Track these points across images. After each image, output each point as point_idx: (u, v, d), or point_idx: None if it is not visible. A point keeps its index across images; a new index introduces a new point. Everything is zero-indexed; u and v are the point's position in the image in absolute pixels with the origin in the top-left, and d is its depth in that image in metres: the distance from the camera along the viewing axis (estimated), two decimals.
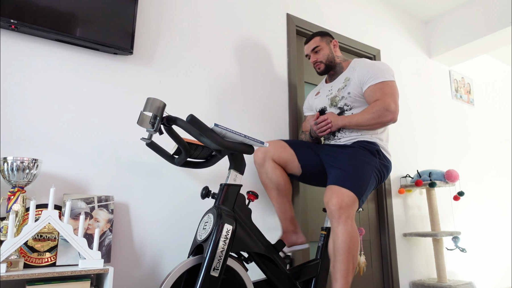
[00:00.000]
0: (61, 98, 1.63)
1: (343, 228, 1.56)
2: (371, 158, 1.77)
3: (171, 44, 1.98)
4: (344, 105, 1.91)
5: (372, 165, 1.75)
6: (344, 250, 1.55)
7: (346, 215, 1.58)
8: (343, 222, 1.57)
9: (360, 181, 1.66)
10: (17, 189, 1.33)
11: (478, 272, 3.20)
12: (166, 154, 1.63)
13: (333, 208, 1.58)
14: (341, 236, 1.56)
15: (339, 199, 1.58)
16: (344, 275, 1.54)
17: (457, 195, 2.82)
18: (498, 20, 3.02)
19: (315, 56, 2.03)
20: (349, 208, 1.59)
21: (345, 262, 1.55)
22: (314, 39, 2.05)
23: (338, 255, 1.55)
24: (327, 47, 2.02)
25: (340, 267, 1.54)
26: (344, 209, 1.58)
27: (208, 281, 1.29)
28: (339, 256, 1.55)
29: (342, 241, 1.55)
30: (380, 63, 1.90)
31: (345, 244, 1.55)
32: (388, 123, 1.79)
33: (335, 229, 1.59)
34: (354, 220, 1.62)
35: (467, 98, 3.69)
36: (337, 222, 1.57)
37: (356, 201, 1.63)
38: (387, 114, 1.75)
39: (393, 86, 1.82)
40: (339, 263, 1.55)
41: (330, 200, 1.60)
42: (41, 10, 1.55)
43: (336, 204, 1.58)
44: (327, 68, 2.03)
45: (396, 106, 1.77)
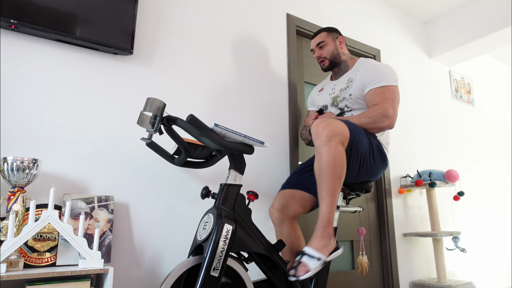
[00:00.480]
0: (61, 98, 1.63)
1: (326, 148, 1.47)
2: (368, 137, 1.74)
3: (171, 44, 1.98)
4: (345, 107, 1.90)
5: (368, 138, 1.71)
6: (329, 169, 1.46)
7: (334, 140, 1.48)
8: (327, 143, 1.47)
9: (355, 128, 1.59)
10: (17, 189, 1.33)
11: (478, 272, 3.20)
12: (166, 154, 1.63)
13: (320, 130, 1.49)
14: (325, 156, 1.46)
15: (329, 124, 1.49)
16: (329, 194, 1.46)
17: (457, 195, 2.82)
18: (498, 20, 3.02)
19: (319, 51, 2.00)
20: (338, 135, 1.49)
21: (330, 181, 1.46)
22: (320, 34, 2.01)
23: (323, 175, 1.47)
24: (333, 43, 1.99)
25: (325, 186, 1.47)
26: (333, 135, 1.48)
27: (208, 281, 1.29)
28: (324, 176, 1.47)
29: (326, 160, 1.46)
30: (385, 66, 1.85)
31: (329, 163, 1.46)
32: (384, 129, 1.74)
33: (319, 149, 1.49)
34: (342, 146, 1.51)
35: (467, 98, 3.69)
36: (321, 143, 1.48)
37: (348, 135, 1.54)
38: (384, 120, 1.70)
39: (394, 91, 1.77)
40: (324, 182, 1.47)
41: (319, 123, 1.51)
42: (41, 10, 1.55)
43: (325, 127, 1.48)
44: (332, 64, 1.99)
45: (394, 112, 1.72)
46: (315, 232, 1.46)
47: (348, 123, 1.59)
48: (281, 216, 1.83)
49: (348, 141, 1.56)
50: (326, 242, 1.44)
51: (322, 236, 1.44)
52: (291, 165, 2.25)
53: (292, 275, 1.38)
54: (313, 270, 1.38)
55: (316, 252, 1.41)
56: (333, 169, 1.46)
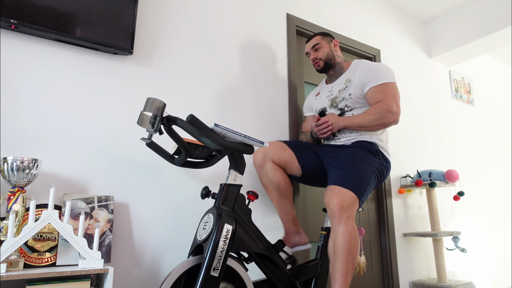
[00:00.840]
0: (61, 98, 1.63)
1: (344, 228, 1.56)
2: (371, 158, 1.77)
3: (171, 44, 1.98)
4: (345, 107, 1.91)
5: (372, 165, 1.75)
6: (344, 250, 1.55)
7: (346, 215, 1.58)
8: (343, 222, 1.57)
9: (361, 181, 1.66)
10: (17, 189, 1.33)
11: (478, 272, 3.20)
12: (166, 154, 1.63)
13: (333, 208, 1.58)
14: (341, 236, 1.56)
15: (340, 199, 1.59)
16: (343, 275, 1.54)
17: (457, 195, 2.82)
18: (498, 20, 3.02)
19: (314, 53, 2.05)
20: (349, 208, 1.59)
21: (345, 262, 1.55)
22: (315, 37, 2.07)
23: (338, 255, 1.55)
24: (328, 46, 2.04)
25: (340, 267, 1.55)
26: (344, 209, 1.58)
27: (208, 281, 1.29)
28: (339, 256, 1.55)
29: (342, 241, 1.55)
30: (381, 64, 1.90)
31: (345, 244, 1.55)
32: (390, 125, 1.80)
33: (335, 229, 1.59)
34: (354, 220, 1.62)
35: (467, 98, 3.69)
36: (338, 222, 1.58)
37: (357, 201, 1.63)
38: (389, 116, 1.77)
39: (394, 87, 1.83)
40: (339, 263, 1.55)
41: (331, 200, 1.60)
42: (41, 10, 1.55)
43: (337, 204, 1.58)
44: (326, 65, 2.04)
45: (398, 107, 1.78)
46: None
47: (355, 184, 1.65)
48: (262, 158, 1.85)
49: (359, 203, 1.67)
50: None
51: None
52: None
53: None
54: None
55: None
56: (349, 249, 1.56)
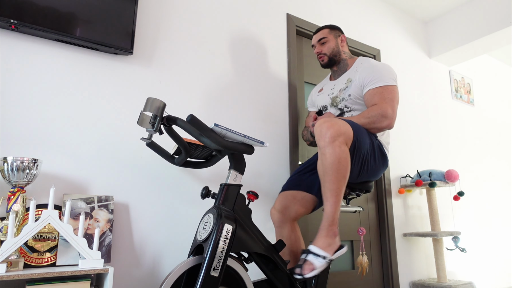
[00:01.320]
0: (61, 98, 1.63)
1: (331, 149, 1.47)
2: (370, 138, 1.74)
3: (171, 44, 1.98)
4: (344, 107, 1.90)
5: (370, 137, 1.71)
6: (333, 170, 1.47)
7: (338, 141, 1.48)
8: (331, 143, 1.47)
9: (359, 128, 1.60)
10: (17, 189, 1.33)
11: (478, 272, 3.20)
12: (166, 154, 1.63)
13: (324, 130, 1.49)
14: (329, 157, 1.47)
15: (333, 124, 1.49)
16: (334, 194, 1.47)
17: (457, 195, 2.82)
18: (498, 20, 3.02)
19: (320, 47, 2.00)
20: (342, 135, 1.49)
21: (335, 181, 1.47)
22: (322, 30, 2.02)
23: (327, 175, 1.48)
24: (334, 41, 1.99)
25: (330, 186, 1.47)
26: (336, 135, 1.48)
27: (208, 281, 1.29)
28: (329, 176, 1.48)
29: (330, 162, 1.47)
30: (384, 65, 1.84)
31: (333, 164, 1.47)
32: (383, 130, 1.74)
33: (322, 150, 1.49)
34: (346, 145, 1.51)
35: (467, 98, 3.69)
36: (325, 144, 1.48)
37: (351, 135, 1.53)
38: (383, 120, 1.70)
39: (393, 91, 1.77)
40: (329, 182, 1.48)
41: (323, 123, 1.50)
42: (41, 10, 1.55)
43: (329, 127, 1.48)
44: (330, 61, 1.99)
45: (393, 112, 1.72)
46: (320, 231, 1.47)
47: (351, 123, 1.59)
48: (282, 218, 1.82)
49: (352, 142, 1.56)
50: (331, 241, 1.46)
51: (327, 235, 1.46)
52: (291, 165, 2.25)
53: (298, 274, 1.39)
54: (319, 269, 1.40)
55: (321, 251, 1.42)
56: (338, 169, 1.47)
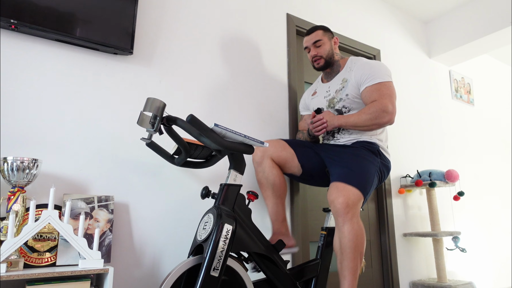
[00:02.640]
0: (61, 98, 1.63)
1: (349, 226, 1.55)
2: (373, 157, 1.76)
3: (171, 44, 1.98)
4: (342, 107, 1.90)
5: (374, 164, 1.75)
6: (351, 248, 1.55)
7: (352, 213, 1.57)
8: (349, 220, 1.56)
9: (365, 179, 1.65)
10: (17, 189, 1.33)
11: (478, 272, 3.20)
12: (166, 154, 1.63)
13: (339, 206, 1.57)
14: (348, 235, 1.55)
15: (345, 197, 1.57)
16: (351, 272, 1.54)
17: (457, 195, 2.82)
18: (498, 20, 3.02)
19: (315, 50, 1.97)
20: (354, 205, 1.58)
21: (353, 259, 1.55)
22: (316, 32, 1.98)
23: (345, 253, 1.55)
24: (329, 43, 1.98)
25: (348, 265, 1.55)
26: (350, 207, 1.57)
27: (208, 281, 1.29)
28: (346, 255, 1.55)
29: (349, 239, 1.55)
30: (377, 63, 1.86)
31: (351, 242, 1.55)
32: (385, 125, 1.77)
33: (341, 228, 1.57)
34: (359, 217, 1.61)
35: (467, 98, 3.69)
36: (343, 220, 1.56)
37: (362, 198, 1.62)
38: (384, 115, 1.73)
39: (390, 87, 1.79)
40: (347, 261, 1.55)
41: (336, 198, 1.58)
42: (41, 10, 1.55)
43: (343, 202, 1.56)
44: (326, 64, 1.98)
45: (393, 107, 1.75)
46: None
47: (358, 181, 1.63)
48: (261, 155, 1.83)
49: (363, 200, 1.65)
50: None
51: None
52: None
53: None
54: None
55: None
56: (356, 247, 1.55)
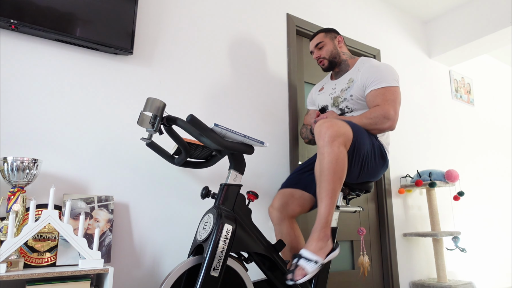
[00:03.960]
0: (61, 98, 1.63)
1: (329, 149, 1.47)
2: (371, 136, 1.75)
3: (171, 44, 1.98)
4: (346, 108, 1.89)
5: (371, 140, 1.71)
6: (330, 170, 1.46)
7: (338, 141, 1.47)
8: (330, 143, 1.47)
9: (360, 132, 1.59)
10: (17, 189, 1.33)
11: (478, 272, 3.20)
12: (166, 154, 1.63)
13: (324, 130, 1.49)
14: (327, 156, 1.46)
15: (333, 126, 1.49)
16: (329, 194, 1.45)
17: (457, 195, 2.82)
18: (498, 20, 3.02)
19: (318, 52, 2.00)
20: (342, 135, 1.49)
21: (331, 182, 1.46)
22: (318, 35, 2.01)
23: (324, 175, 1.47)
24: (331, 43, 1.99)
25: (325, 187, 1.46)
26: (336, 136, 1.47)
27: (208, 281, 1.29)
28: (324, 176, 1.47)
29: (328, 161, 1.46)
30: (386, 66, 1.84)
31: (330, 164, 1.46)
32: (385, 131, 1.74)
33: (321, 149, 1.48)
34: (344, 147, 1.50)
35: (467, 98, 3.69)
36: (324, 144, 1.48)
37: (351, 135, 1.53)
38: (385, 121, 1.69)
39: (395, 92, 1.76)
40: (324, 182, 1.46)
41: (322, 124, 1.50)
42: (41, 10, 1.55)
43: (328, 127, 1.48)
44: (331, 64, 1.99)
45: (395, 114, 1.71)
46: (312, 233, 1.45)
47: (351, 124, 1.59)
48: (280, 216, 1.83)
49: (351, 143, 1.55)
50: (322, 244, 1.44)
51: (319, 238, 1.44)
52: (291, 165, 2.25)
53: (289, 279, 1.38)
54: (311, 274, 1.38)
55: (313, 255, 1.41)
56: (334, 169, 1.46)
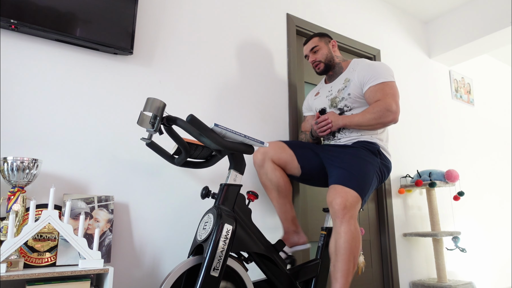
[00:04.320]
0: (61, 98, 1.63)
1: (346, 227, 1.56)
2: (372, 158, 1.77)
3: (171, 44, 1.98)
4: (344, 106, 1.91)
5: (374, 164, 1.75)
6: (346, 249, 1.55)
7: (349, 215, 1.58)
8: (346, 221, 1.57)
9: (363, 181, 1.66)
10: (17, 189, 1.33)
11: (478, 272, 3.20)
12: (166, 154, 1.63)
13: (337, 207, 1.58)
14: (344, 236, 1.55)
15: (343, 199, 1.58)
16: (344, 275, 1.54)
17: (457, 195, 2.82)
18: (498, 20, 3.02)
19: (313, 56, 2.04)
20: (352, 207, 1.59)
21: (346, 262, 1.55)
22: (312, 39, 2.06)
23: (340, 255, 1.55)
24: (326, 47, 2.03)
25: (341, 267, 1.54)
26: (348, 209, 1.58)
27: (208, 281, 1.29)
28: (341, 256, 1.55)
29: (344, 240, 1.55)
30: (380, 63, 1.90)
31: (347, 243, 1.55)
32: (389, 124, 1.80)
33: (337, 229, 1.58)
34: (356, 220, 1.62)
35: (467, 98, 3.69)
36: (341, 222, 1.57)
37: (360, 200, 1.63)
38: (388, 114, 1.76)
39: (393, 86, 1.82)
40: (340, 262, 1.55)
41: (334, 199, 1.59)
42: (41, 10, 1.55)
43: (340, 204, 1.57)
44: (327, 67, 2.03)
45: (397, 106, 1.78)
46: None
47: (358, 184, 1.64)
48: (262, 158, 1.85)
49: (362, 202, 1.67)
50: None
51: None
52: None
53: None
54: None
55: None
56: (351, 249, 1.55)
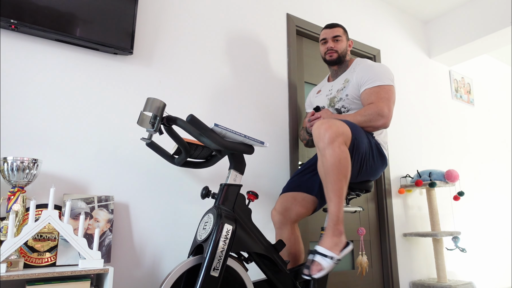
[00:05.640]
0: (61, 98, 1.63)
1: (331, 150, 1.48)
2: (368, 134, 1.76)
3: (171, 44, 1.98)
4: (342, 107, 1.91)
5: (368, 138, 1.72)
6: (334, 171, 1.48)
7: (338, 141, 1.49)
8: (330, 144, 1.48)
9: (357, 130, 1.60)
10: (17, 189, 1.33)
11: (478, 272, 3.20)
12: (166, 154, 1.63)
13: (322, 131, 1.49)
14: (330, 158, 1.47)
15: (333, 128, 1.49)
16: (337, 194, 1.48)
17: (457, 195, 2.82)
18: (498, 20, 3.02)
19: (334, 43, 1.99)
20: (341, 135, 1.50)
21: (337, 181, 1.48)
22: (338, 28, 2.02)
23: (329, 176, 1.49)
24: (346, 42, 2.02)
25: (332, 187, 1.48)
26: (336, 136, 1.48)
27: (208, 281, 1.29)
28: (330, 177, 1.48)
29: (331, 163, 1.47)
30: (380, 66, 1.87)
31: (334, 165, 1.47)
32: (379, 128, 1.75)
33: (322, 151, 1.50)
34: (345, 145, 1.52)
35: (467, 98, 3.68)
36: (324, 144, 1.49)
37: (349, 132, 1.54)
38: (379, 119, 1.71)
39: (389, 91, 1.78)
40: (331, 183, 1.49)
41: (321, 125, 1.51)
42: (41, 10, 1.55)
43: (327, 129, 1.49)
44: (338, 59, 2.00)
45: (389, 112, 1.73)
46: (326, 231, 1.48)
47: (348, 123, 1.60)
48: (282, 219, 1.83)
49: (350, 141, 1.57)
50: (337, 240, 1.47)
51: (333, 234, 1.47)
52: (291, 165, 2.25)
53: (306, 274, 1.40)
54: (327, 269, 1.41)
55: (328, 251, 1.43)
56: (339, 169, 1.48)
